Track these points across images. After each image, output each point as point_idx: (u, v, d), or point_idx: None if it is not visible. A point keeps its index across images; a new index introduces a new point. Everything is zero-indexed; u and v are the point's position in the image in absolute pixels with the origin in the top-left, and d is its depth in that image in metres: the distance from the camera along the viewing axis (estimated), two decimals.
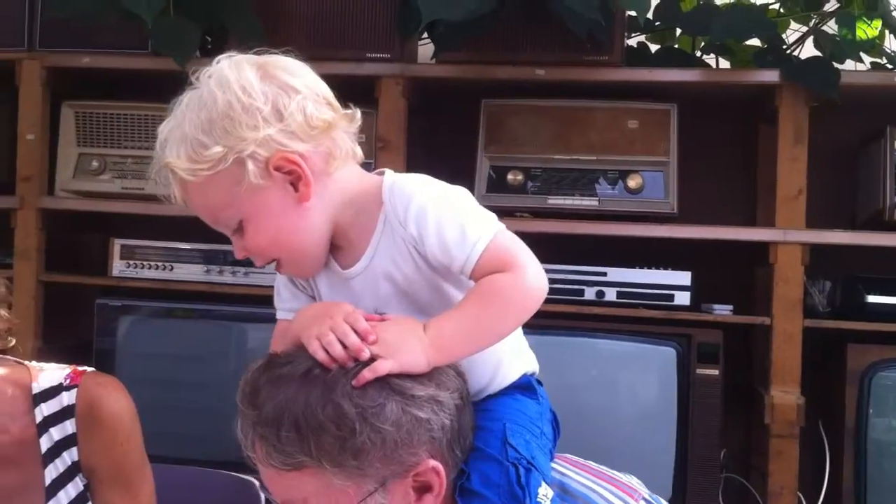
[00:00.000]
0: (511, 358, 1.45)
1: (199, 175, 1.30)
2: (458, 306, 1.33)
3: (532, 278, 1.32)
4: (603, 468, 1.46)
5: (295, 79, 1.34)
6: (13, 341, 1.74)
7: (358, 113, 1.40)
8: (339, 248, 1.41)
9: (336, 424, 1.20)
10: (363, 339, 1.25)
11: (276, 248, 1.37)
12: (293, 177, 1.32)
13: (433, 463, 1.25)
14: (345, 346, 1.25)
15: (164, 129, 1.35)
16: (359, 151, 1.42)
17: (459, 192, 1.38)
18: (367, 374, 1.22)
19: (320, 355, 1.24)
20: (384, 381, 1.23)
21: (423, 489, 1.27)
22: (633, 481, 1.45)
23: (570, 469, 1.42)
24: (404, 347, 1.25)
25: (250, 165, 1.29)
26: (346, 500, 1.23)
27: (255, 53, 1.37)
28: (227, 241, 2.79)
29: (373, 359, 1.24)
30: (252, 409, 1.24)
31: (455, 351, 1.30)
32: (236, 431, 1.27)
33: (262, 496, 1.98)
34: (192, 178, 1.31)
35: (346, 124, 1.38)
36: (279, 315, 1.48)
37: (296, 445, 1.21)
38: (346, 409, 1.20)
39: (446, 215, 1.32)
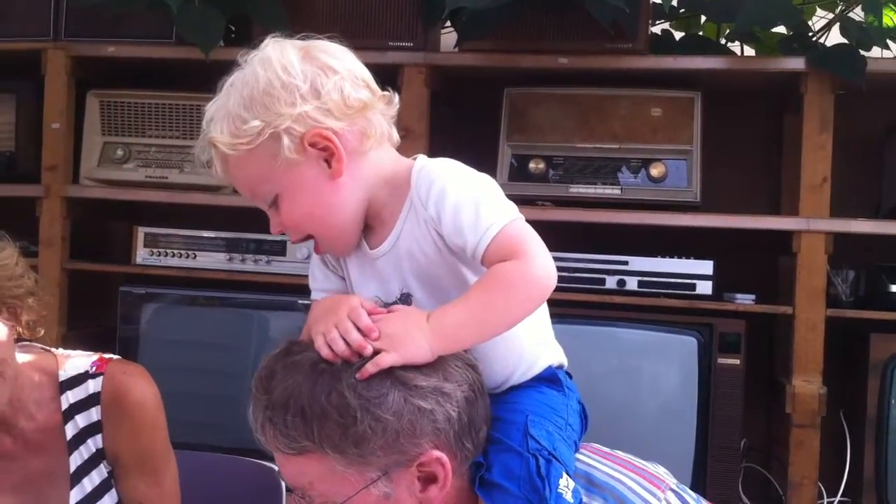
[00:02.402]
0: (534, 350, 1.45)
1: (238, 149, 1.34)
2: (463, 295, 1.34)
3: (538, 268, 1.31)
4: (630, 457, 1.45)
5: (335, 60, 1.38)
6: (41, 332, 1.76)
7: (396, 97, 1.44)
8: (370, 229, 1.43)
9: (339, 412, 1.23)
10: (366, 335, 1.27)
11: (309, 223, 1.40)
12: (327, 153, 1.36)
13: (437, 454, 1.26)
14: (349, 343, 1.27)
15: (210, 108, 1.39)
16: (395, 135, 1.45)
17: (483, 179, 1.39)
18: (370, 367, 1.24)
19: (324, 352, 1.27)
20: (388, 372, 1.25)
21: (428, 480, 1.28)
22: (661, 471, 1.45)
23: (596, 459, 1.42)
24: (407, 340, 1.27)
25: (285, 140, 1.33)
26: (349, 487, 1.26)
27: (300, 38, 1.41)
28: (249, 229, 2.86)
29: (377, 352, 1.26)
30: (264, 394, 1.27)
31: (459, 339, 1.31)
32: (248, 415, 1.30)
33: (283, 483, 2.00)
34: (232, 153, 1.35)
35: (383, 107, 1.41)
36: (313, 296, 1.51)
37: (300, 430, 1.24)
38: (349, 399, 1.23)
39: (464, 198, 1.34)
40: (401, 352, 1.26)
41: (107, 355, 1.82)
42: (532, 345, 1.44)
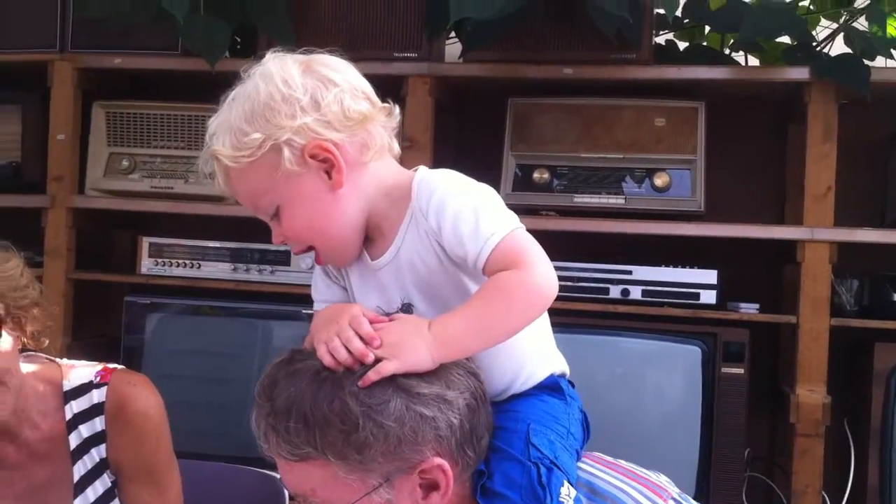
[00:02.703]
0: (536, 358, 1.45)
1: (240, 162, 1.36)
2: (465, 303, 1.34)
3: (539, 277, 1.32)
4: (633, 466, 1.46)
5: (335, 73, 1.39)
6: (46, 342, 1.77)
7: (396, 109, 1.45)
8: (371, 241, 1.44)
9: (341, 419, 1.24)
10: (368, 343, 1.28)
11: (310, 234, 1.42)
12: (327, 165, 1.37)
13: (439, 461, 1.27)
14: (351, 351, 1.28)
15: (213, 122, 1.41)
16: (396, 146, 1.46)
17: (483, 189, 1.40)
18: (372, 375, 1.25)
19: (327, 360, 1.28)
20: (390, 380, 1.26)
21: (430, 487, 1.29)
22: (663, 480, 1.45)
23: (598, 468, 1.43)
24: (408, 347, 1.28)
25: (286, 152, 1.35)
26: (351, 493, 1.27)
27: (301, 53, 1.42)
28: (253, 239, 2.87)
29: (379, 360, 1.27)
30: (267, 401, 1.29)
31: (460, 347, 1.32)
32: (251, 422, 1.31)
33: (286, 493, 2.00)
34: (234, 165, 1.37)
35: (383, 118, 1.42)
36: (315, 306, 1.53)
37: (302, 437, 1.25)
38: (352, 406, 1.24)
39: (464, 209, 1.35)
40: (402, 359, 1.27)
41: (111, 365, 1.83)
42: (533, 353, 1.45)
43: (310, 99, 1.36)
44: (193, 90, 2.83)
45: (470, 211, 1.34)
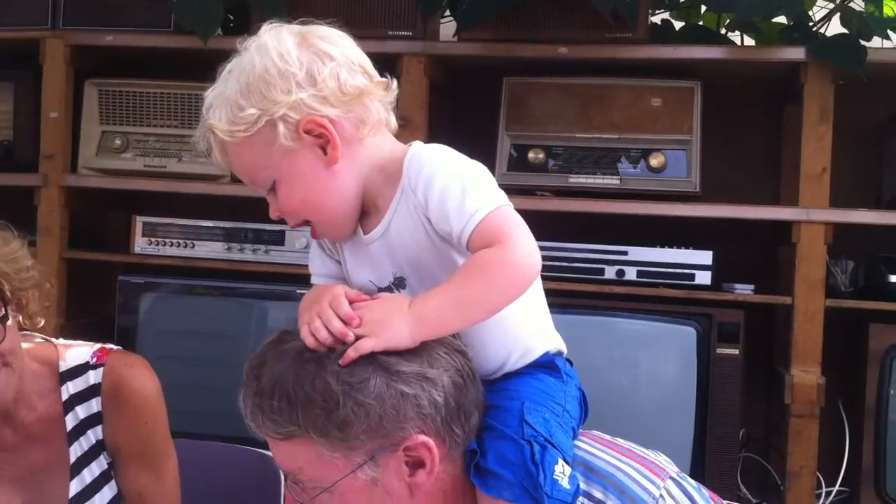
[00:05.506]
0: (530, 336, 1.44)
1: (236, 136, 1.35)
2: (446, 281, 1.34)
3: (520, 254, 1.32)
4: (631, 445, 1.45)
5: (332, 47, 1.38)
6: (42, 322, 1.76)
7: (394, 83, 1.44)
8: (366, 215, 1.44)
9: (322, 397, 1.25)
10: (347, 323, 1.29)
11: (305, 209, 1.41)
12: (323, 140, 1.36)
13: (423, 438, 1.27)
14: (331, 331, 1.29)
15: (209, 95, 1.40)
16: (393, 121, 1.45)
17: (473, 165, 1.39)
18: (351, 353, 1.26)
19: (309, 341, 1.29)
20: (371, 358, 1.27)
21: (416, 465, 1.29)
22: (662, 459, 1.44)
23: (596, 447, 1.42)
24: (387, 325, 1.28)
25: (281, 128, 1.34)
26: (337, 471, 1.27)
27: (298, 24, 1.41)
28: (247, 218, 2.85)
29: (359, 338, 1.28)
30: (254, 380, 1.30)
31: (440, 325, 1.31)
32: (238, 401, 1.32)
33: (282, 472, 2.00)
34: (229, 140, 1.36)
35: (381, 93, 1.41)
36: (312, 280, 1.53)
37: (286, 415, 1.26)
38: (332, 384, 1.25)
39: (451, 184, 1.34)
40: (381, 337, 1.28)
41: (107, 346, 1.82)
42: (527, 331, 1.44)
43: (305, 74, 1.34)
44: (186, 68, 2.82)
45: (457, 187, 1.33)
